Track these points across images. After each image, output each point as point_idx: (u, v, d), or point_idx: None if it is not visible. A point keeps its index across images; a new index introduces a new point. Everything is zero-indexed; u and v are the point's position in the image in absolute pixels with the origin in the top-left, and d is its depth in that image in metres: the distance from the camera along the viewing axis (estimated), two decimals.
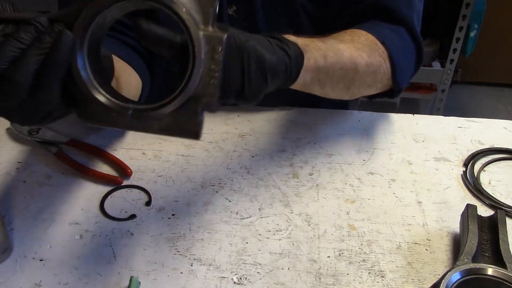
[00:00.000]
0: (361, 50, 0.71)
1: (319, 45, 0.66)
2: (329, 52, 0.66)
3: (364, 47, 0.72)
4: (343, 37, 0.71)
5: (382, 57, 0.74)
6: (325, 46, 0.66)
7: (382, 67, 0.75)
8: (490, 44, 2.57)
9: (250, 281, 0.62)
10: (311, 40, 0.66)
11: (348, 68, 0.70)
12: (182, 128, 0.49)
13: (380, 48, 0.74)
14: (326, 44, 0.67)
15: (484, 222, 0.65)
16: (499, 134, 0.89)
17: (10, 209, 0.72)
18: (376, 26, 0.76)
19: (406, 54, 0.78)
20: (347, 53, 0.69)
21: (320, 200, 0.75)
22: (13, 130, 0.84)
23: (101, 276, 0.63)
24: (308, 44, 0.64)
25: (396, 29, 0.77)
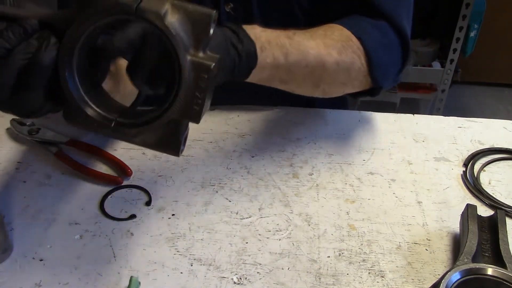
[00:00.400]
0: (331, 47, 0.70)
1: (283, 41, 0.65)
2: (292, 49, 0.66)
3: (335, 43, 0.70)
4: (315, 33, 0.70)
5: (356, 53, 0.72)
6: (289, 43, 0.66)
7: (355, 64, 0.73)
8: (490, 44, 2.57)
9: (250, 281, 0.62)
10: (277, 36, 0.65)
11: (314, 65, 0.69)
12: (164, 144, 0.50)
13: (354, 44, 0.72)
14: (292, 40, 0.66)
15: (484, 222, 0.65)
16: (499, 134, 0.89)
17: (10, 209, 0.72)
18: (356, 21, 0.75)
19: (387, 49, 0.76)
20: (314, 51, 0.68)
21: (320, 200, 0.75)
22: (13, 130, 0.84)
23: (101, 276, 0.63)
24: (270, 41, 0.64)
25: (378, 24, 0.75)
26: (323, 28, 0.72)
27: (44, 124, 0.86)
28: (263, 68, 0.63)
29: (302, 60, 0.68)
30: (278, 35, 0.66)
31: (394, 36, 0.76)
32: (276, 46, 0.65)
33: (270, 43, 0.64)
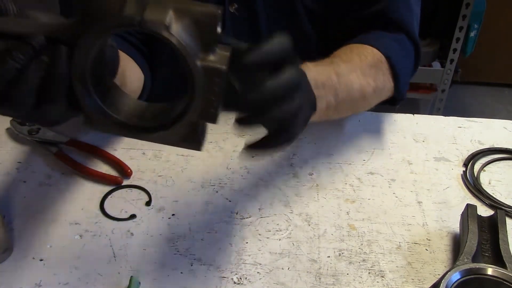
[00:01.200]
0: (368, 76, 0.72)
1: (334, 81, 0.67)
2: (341, 88, 0.68)
3: (370, 69, 0.73)
4: (352, 60, 0.72)
5: (386, 75, 0.76)
6: (338, 81, 0.67)
7: (386, 86, 0.77)
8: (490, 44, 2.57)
9: (250, 281, 0.62)
10: (328, 75, 0.66)
11: (358, 99, 0.73)
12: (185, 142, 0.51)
13: (384, 66, 0.75)
14: (340, 78, 0.68)
15: (484, 222, 0.65)
16: (499, 134, 0.89)
17: (10, 209, 0.72)
18: (380, 38, 0.78)
19: (407, 62, 0.80)
20: (357, 85, 0.71)
21: (320, 200, 0.75)
22: (13, 130, 0.84)
23: (101, 276, 0.63)
24: (324, 84, 0.65)
25: (398, 38, 0.79)
26: (355, 51, 0.74)
27: None
28: (317, 113, 0.63)
29: (348, 97, 0.70)
30: (329, 74, 0.67)
31: (410, 46, 0.80)
32: (329, 89, 0.66)
33: (324, 87, 0.65)
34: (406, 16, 0.79)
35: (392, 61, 0.75)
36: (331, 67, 0.68)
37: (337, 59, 0.71)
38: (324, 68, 0.67)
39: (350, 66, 0.71)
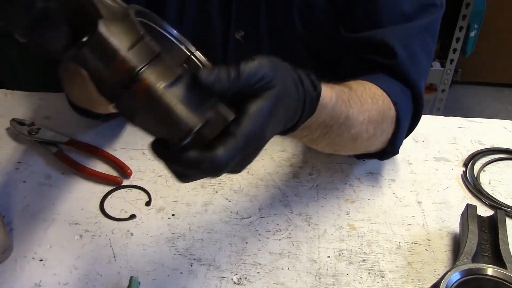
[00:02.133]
0: (371, 123, 0.67)
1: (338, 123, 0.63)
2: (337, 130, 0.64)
3: (378, 115, 0.68)
4: (366, 100, 0.67)
5: (388, 124, 0.71)
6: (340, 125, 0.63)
7: (383, 137, 0.72)
8: (490, 44, 2.57)
9: (250, 281, 0.62)
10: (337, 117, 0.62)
11: (346, 140, 0.68)
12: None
13: (390, 115, 0.71)
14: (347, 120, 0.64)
15: (484, 222, 0.65)
16: (499, 134, 0.89)
17: (10, 209, 0.72)
18: (391, 83, 0.73)
19: (408, 119, 0.75)
20: (355, 130, 0.66)
21: (320, 200, 0.75)
22: (13, 130, 0.84)
23: (101, 276, 0.63)
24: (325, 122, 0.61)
25: (405, 90, 0.74)
26: (369, 91, 0.69)
27: (44, 124, 0.86)
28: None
29: (338, 137, 0.66)
30: (339, 115, 0.62)
31: (411, 104, 0.75)
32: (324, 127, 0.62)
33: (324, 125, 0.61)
34: (413, 74, 0.74)
35: (398, 109, 0.71)
36: (346, 106, 0.63)
37: (353, 94, 0.65)
38: (341, 105, 0.61)
39: (362, 108, 0.66)
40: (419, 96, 0.75)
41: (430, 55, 0.78)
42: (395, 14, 0.74)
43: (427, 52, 0.76)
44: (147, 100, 0.41)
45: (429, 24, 0.76)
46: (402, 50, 0.72)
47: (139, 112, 0.42)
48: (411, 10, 0.74)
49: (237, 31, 0.81)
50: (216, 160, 0.43)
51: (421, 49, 0.75)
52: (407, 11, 0.74)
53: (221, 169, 0.44)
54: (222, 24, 0.81)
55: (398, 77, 0.74)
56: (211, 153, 0.43)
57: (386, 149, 0.74)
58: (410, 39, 0.74)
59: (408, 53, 0.73)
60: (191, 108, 0.41)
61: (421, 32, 0.75)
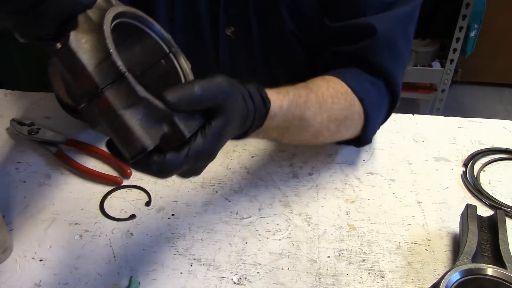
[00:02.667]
0: (332, 122, 0.71)
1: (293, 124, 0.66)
2: (294, 129, 0.67)
3: (340, 113, 0.71)
4: (326, 99, 0.70)
5: (354, 120, 0.74)
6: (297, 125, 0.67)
7: (349, 131, 0.75)
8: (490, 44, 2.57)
9: (250, 281, 0.62)
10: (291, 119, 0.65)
11: (308, 136, 0.71)
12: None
13: (356, 111, 0.73)
14: (302, 121, 0.67)
15: (484, 222, 0.65)
16: (499, 134, 0.89)
17: (10, 209, 0.72)
18: (359, 77, 0.75)
19: (380, 109, 0.78)
20: (314, 128, 0.69)
21: (320, 200, 0.75)
22: (13, 130, 0.84)
23: (101, 276, 0.63)
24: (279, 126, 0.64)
25: (377, 83, 0.76)
26: (331, 87, 0.71)
27: (44, 124, 0.86)
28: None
29: (298, 134, 0.70)
30: (293, 117, 0.65)
31: (386, 95, 0.77)
32: (281, 130, 0.65)
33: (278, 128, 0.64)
34: (388, 62, 0.76)
35: (365, 105, 0.73)
36: (301, 110, 0.66)
37: (312, 96, 0.68)
38: (294, 110, 0.64)
39: (320, 108, 0.69)
40: (394, 84, 0.77)
41: (409, 43, 0.80)
42: (377, 3, 0.75)
43: (407, 40, 0.78)
44: (106, 117, 0.43)
45: (410, 11, 0.77)
46: (384, 31, 0.74)
47: (99, 123, 0.44)
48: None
49: (227, 27, 0.81)
50: (164, 164, 0.47)
51: (402, 37, 0.77)
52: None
53: (167, 173, 0.48)
54: (212, 21, 0.81)
55: (371, 68, 0.75)
56: (160, 157, 0.46)
57: (359, 138, 0.77)
58: (392, 27, 0.75)
59: (389, 40, 0.75)
60: (147, 129, 0.44)
61: (402, 20, 0.76)
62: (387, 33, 0.74)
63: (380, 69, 0.75)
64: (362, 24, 0.74)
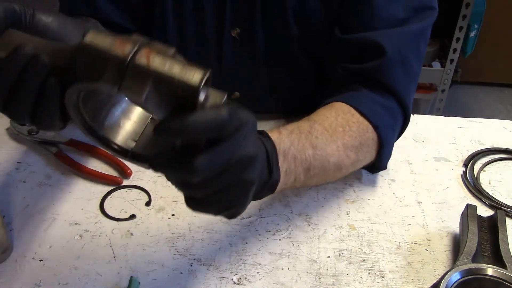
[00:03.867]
0: (349, 148, 0.68)
1: (307, 154, 0.64)
2: (314, 163, 0.65)
3: (354, 141, 0.69)
4: (335, 127, 0.68)
5: (370, 147, 0.72)
6: (313, 155, 0.64)
7: (367, 158, 0.73)
8: (490, 44, 2.57)
9: (250, 281, 0.62)
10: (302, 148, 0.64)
11: (332, 171, 0.69)
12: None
13: (370, 137, 0.71)
14: (316, 150, 0.65)
15: (484, 222, 0.65)
16: (499, 134, 0.89)
17: (10, 209, 0.72)
18: (370, 102, 0.72)
19: (394, 132, 0.75)
20: (334, 158, 0.67)
21: (320, 200, 0.75)
22: (13, 130, 0.84)
23: (101, 276, 0.63)
24: (296, 157, 0.63)
25: (388, 105, 0.73)
26: (340, 117, 0.69)
27: None
28: (282, 186, 0.62)
29: (321, 170, 0.67)
30: (303, 147, 0.64)
31: (399, 115, 0.75)
32: (300, 162, 0.63)
33: (295, 160, 0.62)
34: (400, 81, 0.74)
35: (379, 131, 0.71)
36: (308, 138, 0.65)
37: (317, 126, 0.67)
38: (299, 139, 0.64)
39: (330, 136, 0.67)
40: (406, 106, 0.75)
41: (421, 59, 0.78)
42: (389, 17, 0.73)
43: (419, 57, 0.76)
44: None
45: (423, 29, 0.76)
46: (394, 51, 0.72)
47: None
48: (405, 14, 0.74)
49: (232, 29, 0.81)
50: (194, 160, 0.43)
51: (414, 55, 0.75)
52: (402, 15, 0.74)
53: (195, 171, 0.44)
54: (217, 22, 0.81)
55: (381, 86, 0.73)
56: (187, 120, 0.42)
57: (374, 164, 0.75)
58: (404, 44, 0.73)
59: (400, 58, 0.73)
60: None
61: (414, 37, 0.75)
62: (397, 51, 0.72)
63: (392, 89, 0.73)
64: (371, 42, 0.72)
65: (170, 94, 0.42)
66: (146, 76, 0.41)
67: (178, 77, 0.41)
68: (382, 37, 0.72)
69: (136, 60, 0.41)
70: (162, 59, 0.42)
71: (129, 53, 0.41)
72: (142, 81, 0.41)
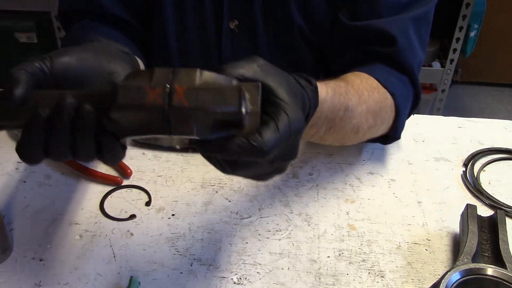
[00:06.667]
0: (370, 113, 0.70)
1: (338, 115, 0.65)
2: (340, 123, 0.66)
3: (375, 105, 0.71)
4: (362, 91, 0.70)
5: (388, 113, 0.74)
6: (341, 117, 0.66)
7: (384, 124, 0.75)
8: (490, 44, 2.57)
9: (250, 281, 0.62)
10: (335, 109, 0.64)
11: (350, 132, 0.70)
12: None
13: (389, 104, 0.73)
14: (346, 112, 0.66)
15: (484, 222, 0.65)
16: (499, 134, 0.89)
17: (10, 209, 0.72)
18: (387, 74, 0.76)
19: (407, 104, 0.78)
20: (356, 120, 0.69)
21: (320, 200, 0.75)
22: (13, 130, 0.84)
23: (101, 276, 0.63)
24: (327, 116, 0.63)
25: (402, 78, 0.77)
26: (365, 83, 0.71)
27: None
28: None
29: (341, 130, 0.68)
30: (339, 108, 0.64)
31: (411, 90, 0.78)
32: (327, 121, 0.64)
33: (325, 118, 0.63)
34: (411, 62, 0.77)
35: (396, 99, 0.74)
36: (343, 100, 0.66)
37: (350, 88, 0.68)
38: (339, 98, 0.64)
39: (359, 99, 0.69)
40: (417, 81, 0.79)
41: (425, 44, 0.81)
42: (393, 3, 0.76)
43: (422, 41, 0.79)
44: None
45: (425, 13, 0.78)
46: (403, 38, 0.75)
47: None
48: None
49: (231, 21, 0.81)
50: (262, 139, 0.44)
51: (417, 38, 0.78)
52: (405, 0, 0.76)
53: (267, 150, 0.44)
54: (215, 14, 0.81)
55: (395, 65, 0.76)
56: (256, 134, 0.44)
57: (388, 134, 0.77)
58: (407, 29, 0.76)
59: (407, 41, 0.76)
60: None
61: (417, 22, 0.77)
62: (406, 38, 0.75)
63: (404, 67, 0.76)
64: (382, 31, 0.75)
65: (215, 120, 0.43)
66: (189, 116, 0.43)
67: (217, 106, 0.43)
68: (392, 26, 0.75)
69: (174, 104, 0.43)
70: (195, 92, 0.43)
71: (163, 99, 0.43)
72: (187, 121, 0.43)
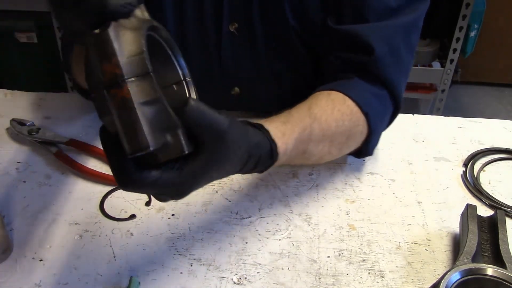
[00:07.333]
0: (334, 146, 0.71)
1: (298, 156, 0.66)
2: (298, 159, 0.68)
3: (342, 136, 0.71)
4: (329, 124, 0.69)
5: (357, 139, 0.74)
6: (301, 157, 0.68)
7: (351, 149, 0.75)
8: (490, 44, 2.57)
9: (250, 281, 0.62)
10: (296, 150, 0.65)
11: (311, 162, 0.73)
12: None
13: (360, 129, 0.72)
14: (304, 154, 0.68)
15: (484, 222, 0.65)
16: (499, 134, 0.89)
17: (10, 209, 0.72)
18: (363, 91, 0.73)
19: (383, 122, 0.77)
20: (317, 157, 0.71)
21: (320, 200, 0.75)
22: (13, 130, 0.84)
23: (101, 276, 0.63)
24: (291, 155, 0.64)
25: (379, 94, 0.74)
26: (337, 109, 0.70)
27: (44, 124, 0.86)
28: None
29: (302, 161, 0.71)
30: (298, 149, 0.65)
31: (390, 105, 0.76)
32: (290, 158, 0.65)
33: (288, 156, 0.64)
34: (391, 73, 0.74)
35: (369, 119, 0.72)
36: (306, 144, 0.66)
37: (316, 127, 0.67)
38: (298, 147, 0.65)
39: (323, 136, 0.69)
40: (398, 95, 0.76)
41: (413, 51, 0.79)
42: (380, 7, 0.74)
43: (410, 49, 0.77)
44: (120, 107, 0.44)
45: (415, 20, 0.76)
46: (383, 47, 0.73)
47: (107, 114, 0.45)
48: (397, 3, 0.74)
49: (230, 23, 0.81)
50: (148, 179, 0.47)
51: (405, 46, 0.76)
52: (394, 4, 0.74)
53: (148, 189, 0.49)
54: (215, 17, 0.81)
55: (373, 76, 0.74)
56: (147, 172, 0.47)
57: (360, 151, 0.77)
58: (395, 36, 0.74)
59: (391, 50, 0.74)
60: (154, 130, 0.45)
61: (406, 28, 0.75)
62: (387, 45, 0.73)
63: (382, 79, 0.74)
64: (360, 38, 0.73)
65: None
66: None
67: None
68: (371, 33, 0.73)
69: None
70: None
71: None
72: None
